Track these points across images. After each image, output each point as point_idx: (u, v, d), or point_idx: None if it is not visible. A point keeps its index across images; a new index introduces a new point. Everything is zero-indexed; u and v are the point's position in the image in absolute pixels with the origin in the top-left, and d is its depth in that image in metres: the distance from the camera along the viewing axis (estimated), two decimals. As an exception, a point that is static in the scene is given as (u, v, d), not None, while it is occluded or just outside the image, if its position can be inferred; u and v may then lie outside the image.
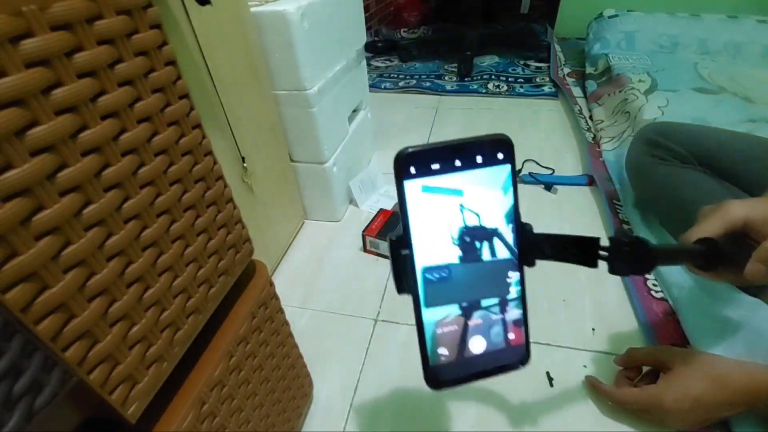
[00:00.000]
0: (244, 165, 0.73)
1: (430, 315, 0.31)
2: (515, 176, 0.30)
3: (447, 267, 0.30)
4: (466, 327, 0.31)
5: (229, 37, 0.66)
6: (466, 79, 1.82)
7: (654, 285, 0.78)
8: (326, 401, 0.65)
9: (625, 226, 0.92)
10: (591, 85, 1.54)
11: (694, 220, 0.46)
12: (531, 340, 0.33)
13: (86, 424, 0.27)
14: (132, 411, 0.28)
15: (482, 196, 0.30)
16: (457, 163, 0.28)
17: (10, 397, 0.22)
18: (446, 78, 1.85)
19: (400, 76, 1.89)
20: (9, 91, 0.19)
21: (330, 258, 0.93)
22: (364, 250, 0.93)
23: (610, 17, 1.81)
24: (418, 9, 2.51)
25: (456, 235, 0.30)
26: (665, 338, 0.68)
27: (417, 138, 1.40)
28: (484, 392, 0.64)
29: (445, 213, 0.30)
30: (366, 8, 1.98)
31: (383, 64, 2.07)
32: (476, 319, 0.32)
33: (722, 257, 0.42)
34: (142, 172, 0.27)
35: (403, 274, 0.29)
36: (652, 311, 0.73)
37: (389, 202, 1.05)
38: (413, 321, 0.30)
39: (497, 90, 1.69)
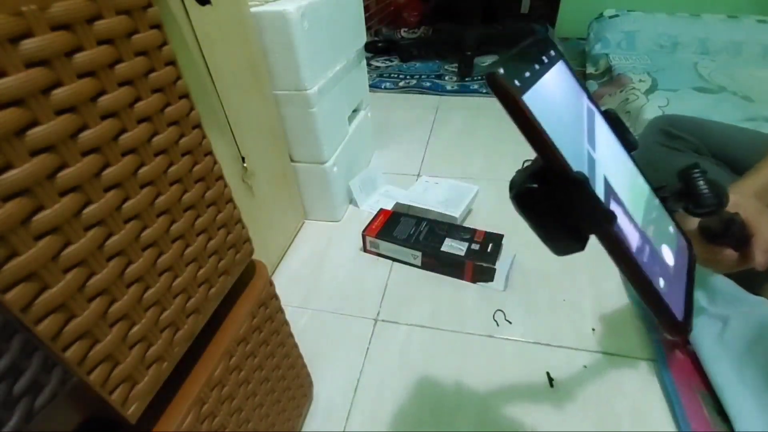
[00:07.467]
0: (244, 165, 0.73)
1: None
2: None
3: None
4: (648, 240, 0.26)
5: (229, 37, 0.66)
6: (466, 79, 1.82)
7: (654, 285, 0.78)
8: (326, 401, 0.65)
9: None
10: (592, 85, 1.54)
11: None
12: (531, 340, 0.32)
13: (86, 424, 0.27)
14: (132, 411, 0.28)
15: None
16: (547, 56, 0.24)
17: (10, 397, 0.22)
18: (446, 78, 1.85)
19: (400, 76, 1.89)
20: (9, 91, 0.19)
21: (330, 258, 0.93)
22: (364, 250, 0.93)
23: (610, 17, 1.81)
24: (418, 9, 2.51)
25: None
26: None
27: (417, 138, 1.40)
28: (484, 392, 0.65)
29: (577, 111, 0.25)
30: (366, 8, 1.98)
31: (383, 64, 2.07)
32: (651, 226, 0.27)
33: (731, 234, 0.44)
34: (142, 172, 0.27)
35: (589, 203, 0.22)
36: (653, 311, 0.73)
37: (389, 202, 1.04)
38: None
39: (497, 90, 1.69)
